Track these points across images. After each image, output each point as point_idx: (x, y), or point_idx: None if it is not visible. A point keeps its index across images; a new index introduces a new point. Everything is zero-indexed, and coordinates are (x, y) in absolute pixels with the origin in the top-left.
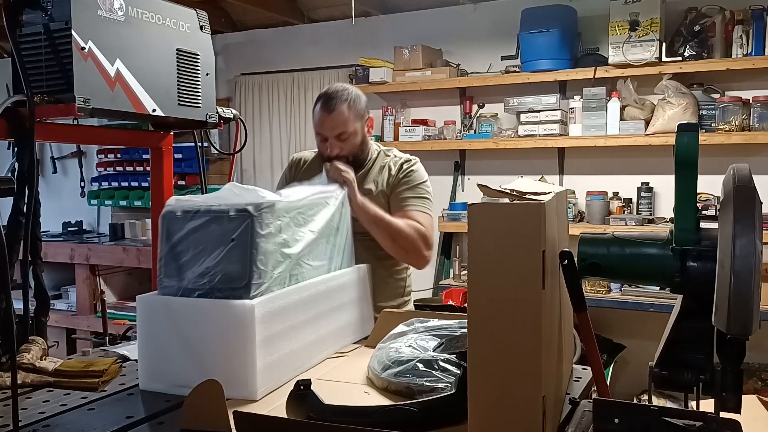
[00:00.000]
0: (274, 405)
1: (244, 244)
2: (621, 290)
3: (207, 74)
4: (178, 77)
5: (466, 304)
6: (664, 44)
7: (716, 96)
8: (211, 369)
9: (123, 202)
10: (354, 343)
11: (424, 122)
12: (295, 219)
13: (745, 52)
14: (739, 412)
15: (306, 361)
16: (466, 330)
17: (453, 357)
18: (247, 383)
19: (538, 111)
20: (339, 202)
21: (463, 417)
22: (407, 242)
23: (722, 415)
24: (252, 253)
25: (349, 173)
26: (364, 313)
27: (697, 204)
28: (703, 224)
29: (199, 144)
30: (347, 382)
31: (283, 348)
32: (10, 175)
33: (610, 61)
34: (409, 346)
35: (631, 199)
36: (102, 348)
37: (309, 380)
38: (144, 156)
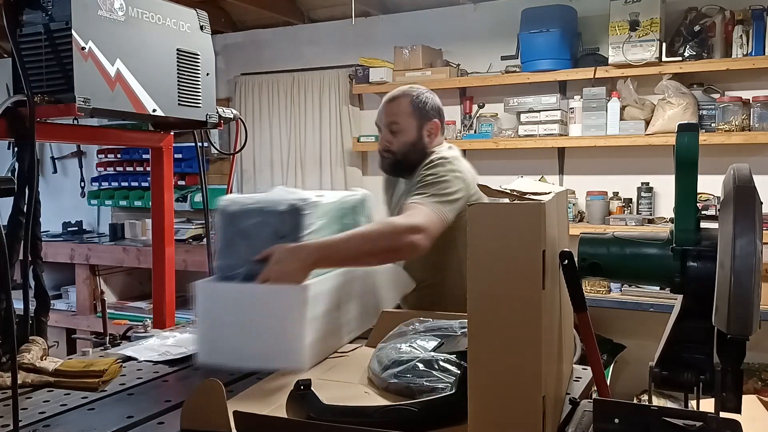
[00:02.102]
0: (274, 405)
1: (293, 237)
2: (621, 290)
3: (207, 74)
4: (178, 77)
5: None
6: (664, 44)
7: (716, 96)
8: (266, 343)
9: (123, 202)
10: (354, 343)
11: None
12: (333, 216)
13: (745, 52)
14: (739, 412)
15: (337, 340)
16: (466, 330)
17: (453, 357)
18: (298, 355)
19: (538, 111)
20: (364, 202)
21: (463, 417)
22: (382, 244)
23: (722, 415)
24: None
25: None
26: (376, 303)
27: (697, 204)
28: (703, 224)
29: (199, 144)
30: (347, 382)
31: (322, 327)
32: (10, 175)
33: (610, 61)
34: (409, 346)
35: (631, 199)
36: (102, 348)
37: (309, 380)
38: (144, 156)
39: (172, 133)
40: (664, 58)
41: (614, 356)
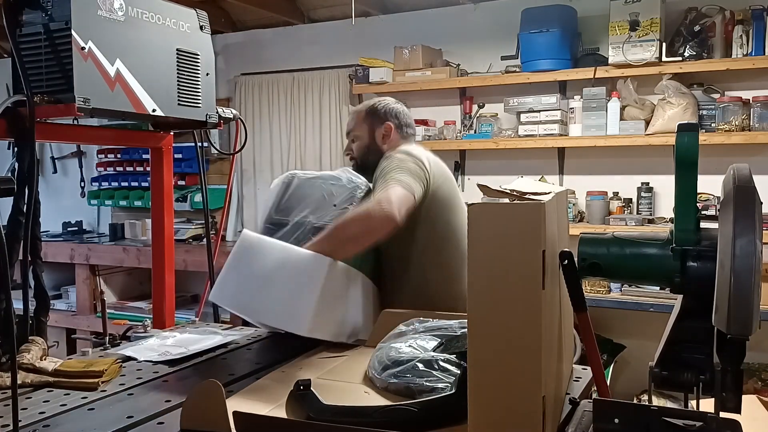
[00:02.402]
0: (274, 405)
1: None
2: (621, 290)
3: (207, 74)
4: (178, 77)
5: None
6: (664, 44)
7: (716, 96)
8: (279, 302)
9: (123, 202)
10: (354, 344)
11: (424, 122)
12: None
13: (745, 52)
14: (739, 412)
15: (340, 330)
16: (466, 330)
17: (453, 357)
18: (303, 320)
19: (538, 111)
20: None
21: (463, 417)
22: (355, 229)
23: (722, 415)
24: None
25: None
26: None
27: (697, 204)
28: (703, 224)
29: (199, 144)
30: (347, 382)
31: (332, 308)
32: (10, 175)
33: (610, 61)
34: (409, 346)
35: (631, 199)
36: (102, 348)
37: (309, 380)
38: (144, 156)
39: (172, 133)
40: (664, 58)
41: (614, 356)
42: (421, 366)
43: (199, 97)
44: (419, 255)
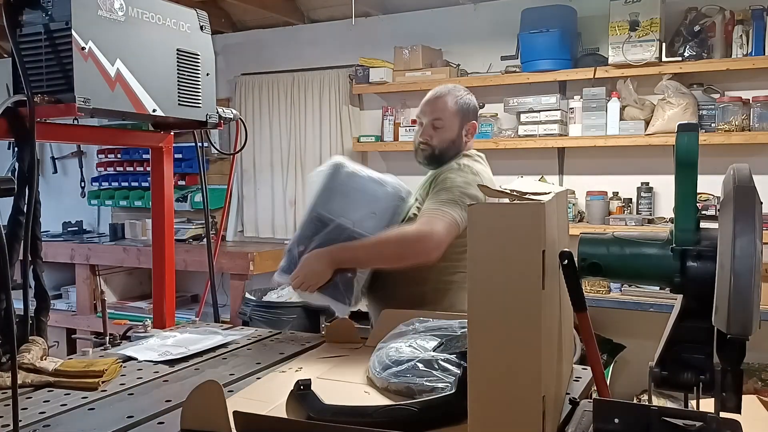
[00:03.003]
0: (274, 405)
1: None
2: (621, 290)
3: (207, 74)
4: (178, 77)
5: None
6: (664, 44)
7: (716, 96)
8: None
9: (123, 202)
10: (354, 344)
11: None
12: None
13: (745, 52)
14: (739, 412)
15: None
16: (466, 330)
17: (453, 357)
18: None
19: (538, 111)
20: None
21: (463, 417)
22: (390, 251)
23: (722, 415)
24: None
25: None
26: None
27: (697, 204)
28: (703, 224)
29: (199, 144)
30: (347, 382)
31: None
32: (10, 175)
33: (610, 61)
34: (409, 346)
35: (631, 199)
36: (102, 348)
37: (309, 380)
38: (144, 156)
39: (172, 133)
40: (664, 58)
41: (614, 356)
42: (421, 366)
43: (199, 97)
44: (459, 278)
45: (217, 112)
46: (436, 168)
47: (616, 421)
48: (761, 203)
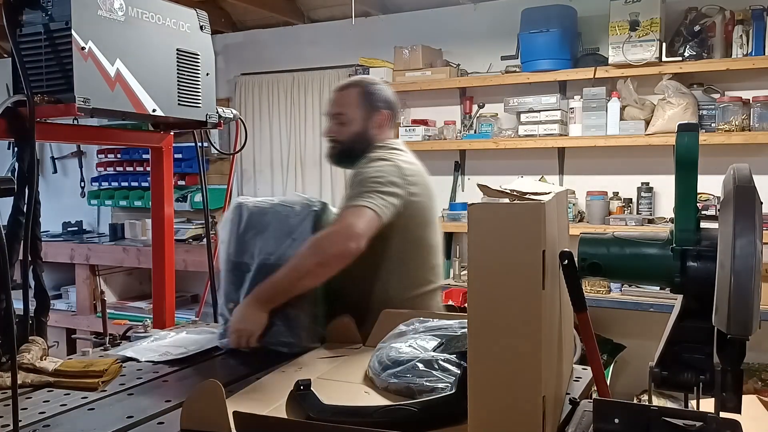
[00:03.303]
0: (274, 405)
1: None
2: (621, 290)
3: (207, 74)
4: (178, 77)
5: (466, 304)
6: (664, 44)
7: (716, 96)
8: None
9: (123, 202)
10: (354, 344)
11: (424, 122)
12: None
13: (745, 52)
14: (739, 412)
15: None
16: (466, 330)
17: (453, 357)
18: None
19: (538, 111)
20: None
21: (463, 417)
22: (310, 263)
23: (722, 415)
24: None
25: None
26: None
27: (697, 204)
28: (703, 224)
29: (199, 144)
30: (347, 382)
31: None
32: (10, 175)
33: (610, 61)
34: (409, 346)
35: (631, 199)
36: (102, 348)
37: (309, 380)
38: (144, 156)
39: (172, 133)
40: (664, 58)
41: (614, 356)
42: (421, 366)
43: (199, 97)
44: (387, 269)
45: (217, 112)
46: (349, 166)
47: (616, 421)
48: (761, 203)
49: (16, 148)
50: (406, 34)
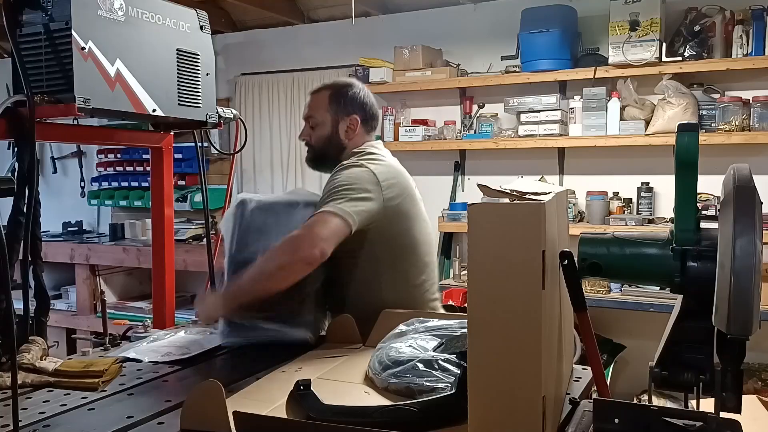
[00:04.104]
0: (274, 405)
1: None
2: (621, 290)
3: (207, 74)
4: (178, 77)
5: (466, 304)
6: (664, 44)
7: (716, 96)
8: None
9: (123, 202)
10: (354, 344)
11: (424, 122)
12: None
13: (745, 52)
14: (739, 412)
15: None
16: (466, 330)
17: (453, 357)
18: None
19: (538, 111)
20: None
21: (463, 417)
22: (271, 268)
23: (722, 415)
24: None
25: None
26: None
27: (697, 204)
28: (703, 224)
29: (199, 144)
30: (347, 382)
31: None
32: (10, 175)
33: (610, 61)
34: (409, 346)
35: (631, 199)
36: (102, 348)
37: (309, 380)
38: (144, 156)
39: (172, 133)
40: (664, 58)
41: (614, 356)
42: (421, 366)
43: (199, 97)
44: (375, 272)
45: (217, 112)
46: (325, 170)
47: (616, 421)
48: (761, 203)
49: (16, 148)
50: (406, 34)
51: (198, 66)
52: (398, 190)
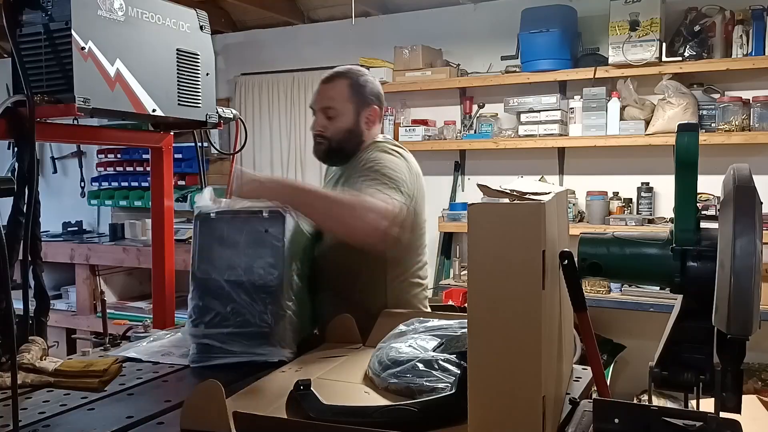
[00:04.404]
0: (274, 405)
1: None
2: (621, 290)
3: (207, 74)
4: (178, 77)
5: (466, 304)
6: (664, 44)
7: (716, 96)
8: None
9: (123, 202)
10: (354, 344)
11: (424, 122)
12: None
13: (745, 52)
14: (739, 412)
15: None
16: (466, 330)
17: (453, 357)
18: None
19: (538, 111)
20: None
21: (463, 417)
22: (345, 211)
23: (722, 415)
24: None
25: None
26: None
27: (697, 204)
28: (703, 224)
29: (199, 144)
30: (347, 382)
31: None
32: (10, 175)
33: (610, 61)
34: (409, 346)
35: (631, 199)
36: (102, 348)
37: (309, 380)
38: (144, 156)
39: (172, 133)
40: (664, 58)
41: (614, 356)
42: (421, 366)
43: (199, 97)
44: (384, 271)
45: (217, 112)
46: (337, 163)
47: (616, 421)
48: (761, 203)
49: (16, 148)
50: (406, 34)
51: (198, 66)
52: (420, 193)
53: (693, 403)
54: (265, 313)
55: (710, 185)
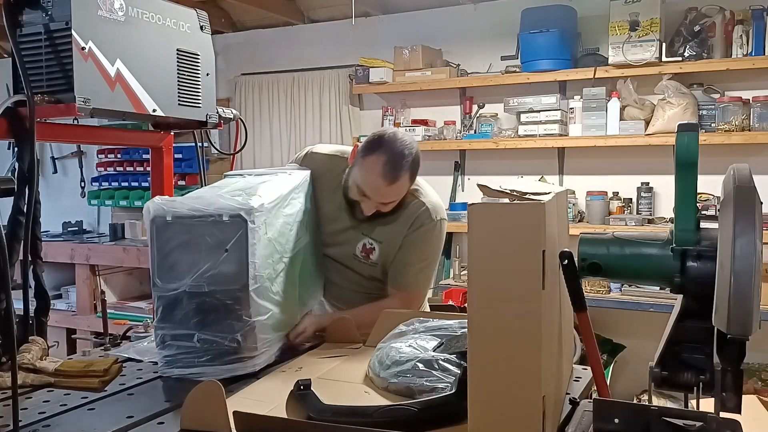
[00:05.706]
0: (274, 405)
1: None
2: (621, 290)
3: (207, 74)
4: (178, 77)
5: (466, 304)
6: (664, 44)
7: (716, 96)
8: None
9: (123, 202)
10: (354, 344)
11: (424, 122)
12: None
13: (745, 52)
14: (739, 412)
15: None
16: (466, 330)
17: (453, 357)
18: None
19: (538, 111)
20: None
21: (463, 417)
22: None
23: (722, 415)
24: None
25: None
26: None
27: (697, 204)
28: (703, 224)
29: (199, 144)
30: (347, 382)
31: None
32: (10, 175)
33: (610, 61)
34: (409, 346)
35: (631, 199)
36: (103, 348)
37: (309, 380)
38: (144, 156)
39: (172, 133)
40: (664, 58)
41: (614, 356)
42: (421, 366)
43: (199, 97)
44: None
45: (217, 112)
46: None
47: (616, 421)
48: (761, 203)
49: (16, 148)
50: (406, 34)
51: (198, 66)
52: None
53: (693, 403)
54: (231, 329)
55: (710, 185)
